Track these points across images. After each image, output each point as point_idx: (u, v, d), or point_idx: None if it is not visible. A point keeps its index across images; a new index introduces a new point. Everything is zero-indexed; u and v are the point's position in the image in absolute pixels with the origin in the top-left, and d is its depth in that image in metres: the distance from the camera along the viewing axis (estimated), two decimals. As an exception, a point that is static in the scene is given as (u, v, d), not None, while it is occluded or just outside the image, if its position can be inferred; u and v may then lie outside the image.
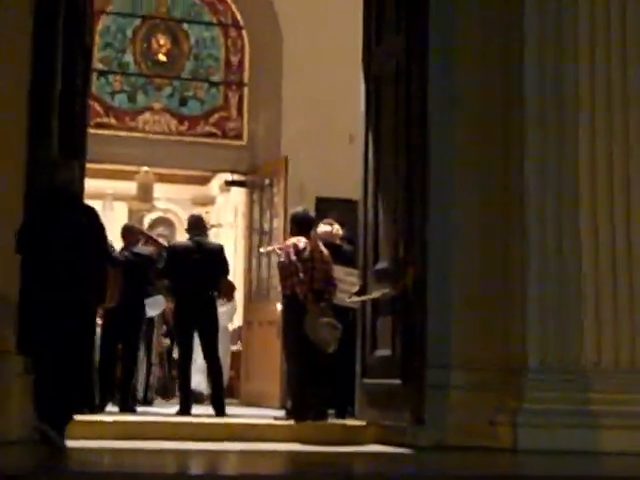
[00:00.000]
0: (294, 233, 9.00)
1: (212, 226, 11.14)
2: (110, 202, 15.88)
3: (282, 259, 8.88)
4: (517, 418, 7.17)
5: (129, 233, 10.22)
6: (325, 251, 8.91)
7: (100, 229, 6.89)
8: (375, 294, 8.14)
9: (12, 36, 7.22)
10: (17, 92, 7.17)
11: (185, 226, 10.32)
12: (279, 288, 9.23)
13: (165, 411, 9.76)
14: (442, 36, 7.86)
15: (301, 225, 9.00)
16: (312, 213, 9.36)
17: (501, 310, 7.55)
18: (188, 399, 9.43)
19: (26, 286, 6.68)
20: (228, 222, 15.85)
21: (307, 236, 8.90)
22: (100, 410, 8.96)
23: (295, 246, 8.73)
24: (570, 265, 7.37)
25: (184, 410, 9.23)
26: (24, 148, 7.15)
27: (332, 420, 8.80)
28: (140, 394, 10.53)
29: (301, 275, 8.55)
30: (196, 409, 9.74)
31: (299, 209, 9.26)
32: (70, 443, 6.52)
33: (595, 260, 7.41)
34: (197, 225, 9.91)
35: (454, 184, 7.80)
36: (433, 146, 7.78)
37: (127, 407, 9.39)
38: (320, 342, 8.44)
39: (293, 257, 8.66)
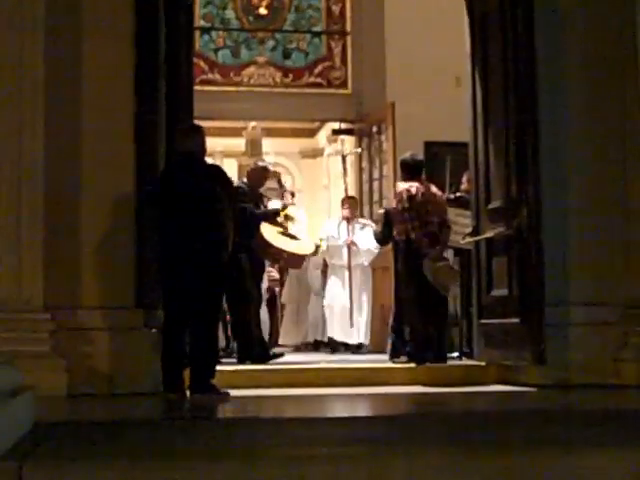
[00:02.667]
0: (405, 179, 8.93)
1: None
2: (220, 159, 15.98)
3: (394, 206, 8.85)
4: (641, 354, 7.08)
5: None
6: (439, 193, 8.87)
7: (229, 187, 7.00)
8: (489, 234, 8.07)
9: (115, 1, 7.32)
10: (123, 55, 7.26)
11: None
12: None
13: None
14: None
15: (411, 170, 8.92)
16: (420, 156, 9.22)
17: (621, 246, 7.42)
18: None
19: (161, 245, 6.85)
20: (338, 172, 15.85)
21: (418, 180, 8.82)
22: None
23: (408, 191, 8.68)
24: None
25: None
26: (131, 110, 7.25)
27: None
28: None
29: (415, 222, 8.51)
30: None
31: (407, 154, 9.18)
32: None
33: None
34: None
35: (566, 123, 7.63)
36: (542, 85, 7.63)
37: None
38: (439, 286, 8.46)
39: (406, 204, 8.60)
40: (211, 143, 14.91)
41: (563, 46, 7.68)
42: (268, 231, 9.57)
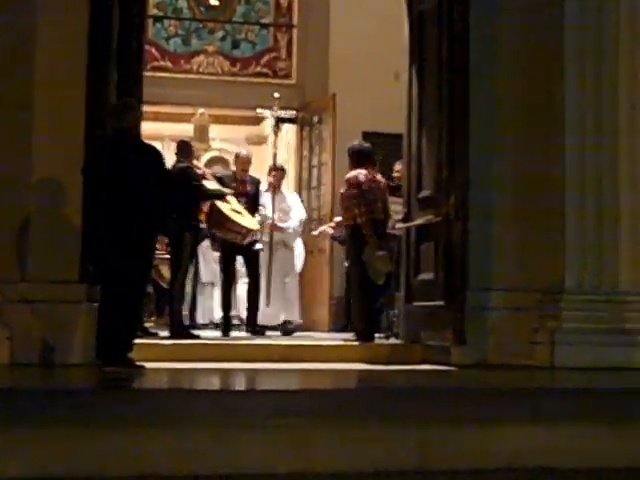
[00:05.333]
0: (353, 166, 8.90)
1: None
2: (168, 143, 15.92)
3: (342, 192, 8.86)
4: (555, 337, 7.20)
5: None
6: (383, 181, 8.92)
7: (162, 167, 6.96)
8: (419, 220, 8.17)
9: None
10: (75, 40, 7.19)
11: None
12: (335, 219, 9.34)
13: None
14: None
15: (359, 157, 8.91)
16: (367, 145, 9.17)
17: (540, 234, 7.53)
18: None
19: (91, 220, 6.78)
20: (282, 159, 15.86)
21: (365, 168, 8.82)
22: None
23: (356, 178, 8.70)
24: (606, 189, 7.33)
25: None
26: (84, 93, 7.20)
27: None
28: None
29: (362, 208, 8.57)
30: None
31: (355, 142, 9.16)
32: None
33: (631, 185, 7.36)
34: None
35: (495, 115, 7.72)
36: (473, 80, 7.71)
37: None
38: (373, 273, 8.52)
39: (354, 190, 8.64)
40: (160, 128, 15.00)
41: (496, 46, 7.74)
42: (225, 207, 9.53)
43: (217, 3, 13.55)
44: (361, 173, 8.74)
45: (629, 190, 7.37)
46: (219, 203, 9.44)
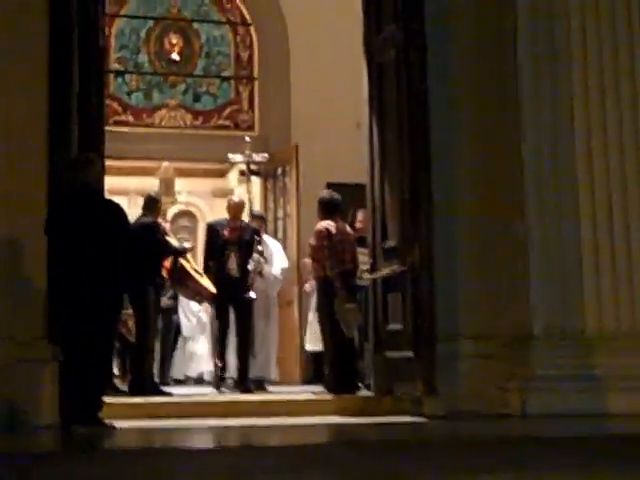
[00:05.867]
0: (322, 217, 8.85)
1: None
2: (134, 197, 15.84)
3: (313, 243, 8.80)
4: (525, 384, 7.15)
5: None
6: (351, 232, 8.88)
7: (124, 223, 6.86)
8: (385, 271, 8.13)
9: (29, 41, 7.21)
10: (36, 95, 7.14)
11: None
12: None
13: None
14: (437, 24, 7.79)
15: (328, 208, 8.87)
16: (337, 195, 9.10)
17: (506, 281, 7.50)
18: None
19: (54, 278, 6.68)
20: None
21: (334, 219, 8.79)
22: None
23: (326, 230, 8.66)
24: (570, 234, 7.33)
25: None
26: (45, 149, 7.14)
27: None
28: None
29: (333, 260, 8.52)
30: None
31: (325, 193, 9.13)
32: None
33: (593, 226, 7.36)
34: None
35: (456, 162, 7.72)
36: (434, 127, 7.72)
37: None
38: (345, 325, 8.47)
39: (325, 241, 8.59)
40: (125, 182, 14.93)
41: (454, 93, 7.77)
42: (188, 266, 9.47)
43: (178, 58, 13.58)
44: (330, 225, 8.71)
45: (590, 226, 7.35)
46: (182, 261, 9.38)
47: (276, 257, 10.49)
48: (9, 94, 7.05)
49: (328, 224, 8.70)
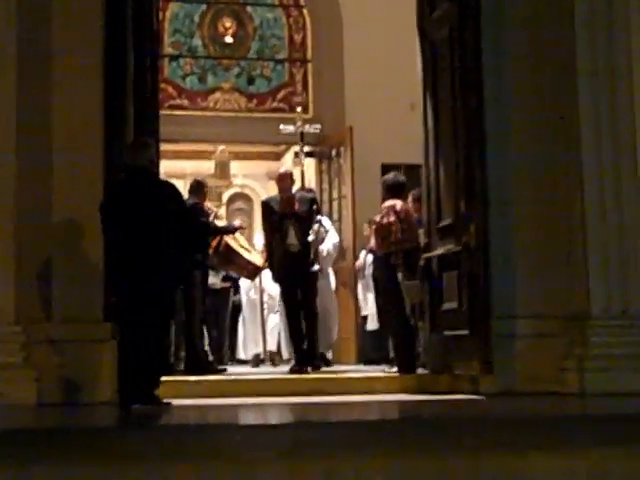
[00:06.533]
0: (387, 198, 8.87)
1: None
2: (190, 180, 16.02)
3: (378, 219, 8.80)
4: (583, 364, 7.10)
5: None
6: (414, 213, 8.87)
7: (180, 203, 6.93)
8: (440, 250, 8.11)
9: (85, 26, 7.29)
10: (92, 80, 7.24)
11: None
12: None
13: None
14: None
15: (393, 189, 8.89)
16: (401, 177, 9.08)
17: (564, 260, 7.44)
18: None
19: (110, 258, 6.77)
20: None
21: (399, 199, 8.80)
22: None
23: (393, 208, 8.68)
24: (628, 214, 7.26)
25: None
26: (102, 133, 7.23)
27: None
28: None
29: (399, 235, 8.54)
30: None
31: (390, 174, 9.13)
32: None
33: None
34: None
35: (513, 142, 7.66)
36: (488, 107, 7.67)
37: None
38: (408, 301, 8.52)
39: (392, 218, 8.61)
40: (181, 165, 15.05)
41: (509, 75, 7.70)
42: (234, 243, 9.52)
43: (232, 40, 13.62)
44: (397, 203, 8.74)
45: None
46: (228, 239, 9.44)
47: (328, 233, 10.16)
48: (66, 79, 7.14)
49: (394, 203, 8.74)
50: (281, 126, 10.89)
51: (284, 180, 9.43)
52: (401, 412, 6.61)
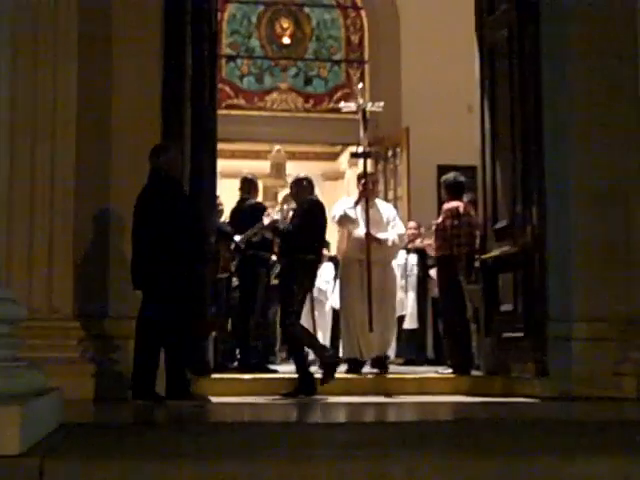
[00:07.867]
0: (448, 198, 8.85)
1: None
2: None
3: (440, 221, 8.78)
4: (640, 368, 7.04)
5: None
6: (475, 215, 8.84)
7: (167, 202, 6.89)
8: (496, 252, 8.08)
9: (144, 27, 7.36)
10: (151, 79, 7.30)
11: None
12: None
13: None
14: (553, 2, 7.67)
15: (453, 189, 8.85)
16: (461, 177, 8.97)
17: (621, 264, 7.38)
18: None
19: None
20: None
21: (461, 200, 8.78)
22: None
23: (456, 209, 8.67)
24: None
25: None
26: (159, 132, 7.28)
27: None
28: None
29: (462, 238, 8.53)
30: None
31: (450, 175, 9.02)
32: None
33: None
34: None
35: (570, 144, 7.60)
36: (546, 109, 7.63)
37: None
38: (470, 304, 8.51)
39: (456, 221, 8.60)
40: (237, 165, 15.15)
41: (568, 77, 7.64)
42: None
43: (289, 41, 13.68)
44: (460, 205, 8.71)
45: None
46: None
47: (392, 222, 9.11)
48: (126, 78, 7.23)
49: (457, 204, 8.71)
50: (342, 103, 10.58)
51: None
52: (455, 413, 6.60)
